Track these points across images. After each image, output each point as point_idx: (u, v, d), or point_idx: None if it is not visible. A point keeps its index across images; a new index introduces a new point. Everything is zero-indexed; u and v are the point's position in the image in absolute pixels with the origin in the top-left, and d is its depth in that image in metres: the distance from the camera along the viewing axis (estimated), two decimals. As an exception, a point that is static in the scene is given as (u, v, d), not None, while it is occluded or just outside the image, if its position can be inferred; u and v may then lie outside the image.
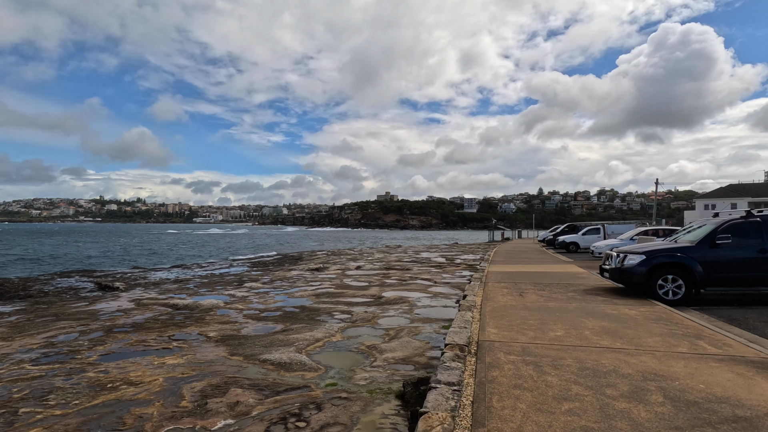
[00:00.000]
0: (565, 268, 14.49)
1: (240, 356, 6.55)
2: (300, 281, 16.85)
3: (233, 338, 7.79)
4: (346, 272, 19.93)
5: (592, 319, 5.79)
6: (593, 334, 5.01)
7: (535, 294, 8.32)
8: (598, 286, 9.48)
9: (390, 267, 21.69)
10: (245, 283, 16.99)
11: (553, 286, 9.73)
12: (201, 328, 8.72)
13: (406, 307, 10.62)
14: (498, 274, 12.69)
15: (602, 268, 8.89)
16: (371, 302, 11.57)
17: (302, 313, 10.26)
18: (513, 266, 15.69)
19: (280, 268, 23.44)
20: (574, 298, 7.76)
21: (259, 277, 18.82)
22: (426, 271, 19.23)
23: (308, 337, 7.60)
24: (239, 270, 24.39)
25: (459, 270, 19.71)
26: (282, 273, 20.41)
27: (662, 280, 7.45)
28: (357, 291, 13.64)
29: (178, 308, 11.62)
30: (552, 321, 5.72)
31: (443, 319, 9.13)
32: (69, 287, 18.21)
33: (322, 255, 32.51)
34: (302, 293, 13.45)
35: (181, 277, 21.10)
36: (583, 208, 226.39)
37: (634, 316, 6.01)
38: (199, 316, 10.23)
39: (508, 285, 10.14)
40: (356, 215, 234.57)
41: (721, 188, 65.45)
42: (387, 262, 24.69)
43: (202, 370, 5.87)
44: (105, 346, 7.38)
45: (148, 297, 13.84)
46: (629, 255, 7.88)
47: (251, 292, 14.17)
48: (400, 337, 7.57)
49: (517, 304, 7.15)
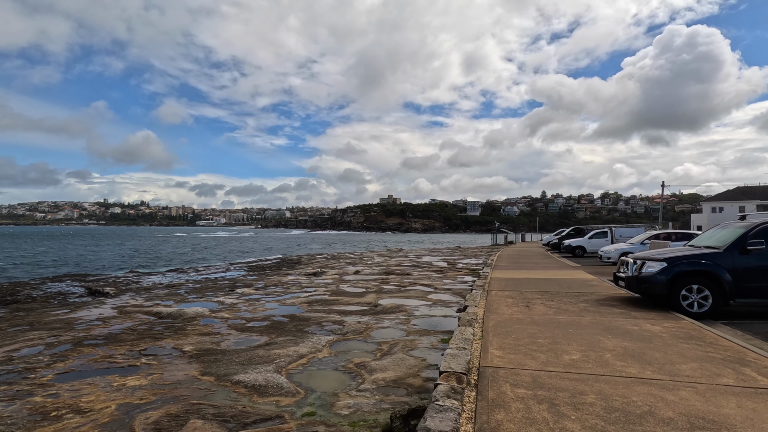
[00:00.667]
0: (573, 274, 13.69)
1: (212, 376, 5.81)
2: (294, 287, 16.12)
3: (210, 353, 7.06)
4: (343, 277, 19.19)
5: (612, 338, 5.03)
6: (615, 357, 4.25)
7: (543, 305, 7.55)
8: (611, 296, 8.69)
9: (389, 272, 20.93)
10: (238, 288, 16.28)
11: (563, 295, 8.95)
12: (178, 340, 8.00)
13: (403, 317, 9.87)
14: (502, 281, 11.92)
15: (617, 276, 8.10)
16: (366, 311, 10.83)
17: (291, 323, 9.53)
18: (517, 272, 14.91)
19: (277, 273, 22.73)
20: (587, 310, 6.99)
21: (253, 283, 18.11)
22: (426, 277, 18.47)
23: (292, 353, 6.86)
24: (235, 274, 23.69)
25: (461, 275, 18.93)
26: (277, 278, 19.68)
27: (686, 290, 6.67)
28: (352, 298, 12.89)
29: (161, 317, 10.92)
30: (565, 340, 4.96)
31: (442, 330, 8.38)
32: (58, 292, 17.56)
33: (321, 259, 31.79)
34: (295, 300, 12.72)
35: (174, 282, 20.43)
36: (586, 211, 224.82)
37: (659, 333, 5.25)
38: (180, 326, 9.52)
39: (513, 294, 9.37)
40: (359, 218, 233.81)
41: (728, 191, 64.35)
42: (387, 266, 23.93)
43: (164, 395, 5.14)
44: (66, 362, 6.66)
45: (133, 304, 13.16)
46: (648, 262, 7.10)
47: (242, 298, 13.45)
48: (394, 353, 6.82)
49: (524, 318, 6.39)
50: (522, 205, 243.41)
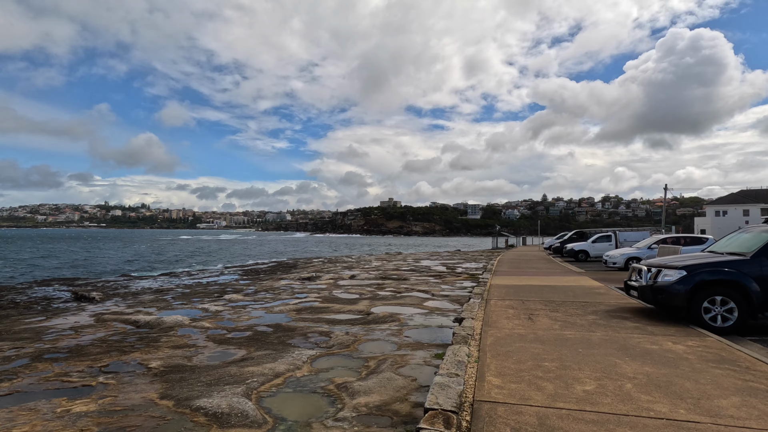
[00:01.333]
0: (577, 280, 12.97)
1: (171, 400, 5.10)
2: (285, 293, 15.42)
3: (177, 370, 6.36)
4: (337, 282, 18.48)
5: (630, 360, 4.31)
6: (638, 388, 3.54)
7: (547, 317, 6.83)
8: (621, 306, 7.98)
9: (386, 277, 20.21)
10: (227, 294, 15.58)
11: (568, 305, 8.23)
12: (147, 354, 7.30)
13: (396, 327, 9.16)
14: (502, 289, 11.20)
15: (628, 285, 7.38)
16: (357, 320, 10.12)
17: (274, 333, 8.82)
18: (519, 278, 14.19)
19: (270, 277, 22.02)
20: (597, 324, 6.27)
21: (244, 288, 17.40)
22: (424, 282, 17.75)
23: (267, 371, 6.15)
24: (228, 278, 23.01)
25: (460, 281, 18.20)
26: (270, 283, 18.98)
27: (708, 302, 5.96)
28: (344, 305, 12.18)
29: (139, 326, 10.23)
30: (575, 362, 4.25)
31: (437, 344, 7.67)
32: (43, 297, 16.91)
33: (318, 263, 31.08)
34: (283, 307, 12.01)
35: (164, 287, 19.75)
36: (587, 214, 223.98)
37: (684, 354, 4.53)
38: (155, 336, 8.82)
39: (514, 303, 8.66)
40: (359, 221, 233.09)
41: (732, 194, 63.58)
42: (384, 271, 23.22)
43: (110, 425, 4.43)
44: (14, 381, 5.95)
45: (114, 311, 12.47)
46: (665, 270, 6.38)
47: (228, 305, 12.74)
48: (381, 371, 6.10)
49: (527, 333, 5.67)
50: (523, 208, 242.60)
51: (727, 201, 61.63)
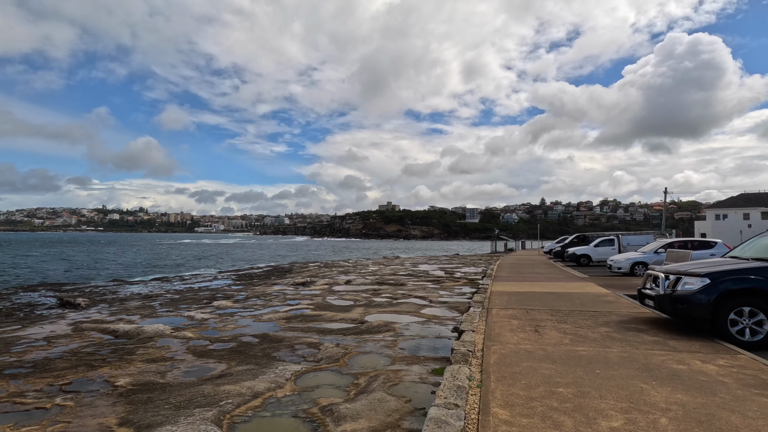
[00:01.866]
0: (582, 287, 12.36)
1: (131, 427, 4.48)
2: (277, 299, 14.79)
3: (147, 388, 5.73)
4: (332, 288, 17.86)
5: (658, 385, 3.71)
6: (676, 424, 2.93)
7: (555, 329, 6.22)
8: (635, 316, 7.37)
9: (382, 282, 19.59)
10: (216, 300, 14.94)
11: (577, 315, 7.62)
12: (117, 369, 6.67)
13: (390, 338, 8.54)
14: (504, 296, 10.59)
15: (642, 293, 6.78)
16: (349, 330, 9.50)
17: (259, 345, 8.20)
18: (521, 284, 13.58)
19: (264, 282, 21.38)
20: (612, 338, 5.66)
21: (235, 294, 16.75)
22: (421, 287, 17.14)
23: (245, 390, 5.52)
24: (221, 283, 22.38)
25: (458, 286, 17.59)
26: (262, 288, 18.34)
27: (735, 313, 5.36)
28: (337, 313, 11.56)
29: (117, 335, 9.61)
30: (595, 387, 3.65)
31: (434, 357, 7.05)
32: (27, 303, 16.27)
33: (314, 267, 30.44)
34: (272, 315, 11.38)
35: (154, 292, 19.13)
36: (585, 218, 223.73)
37: (719, 377, 3.93)
38: (131, 348, 8.20)
39: (518, 312, 8.05)
40: (357, 225, 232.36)
41: (732, 198, 63.15)
42: (381, 275, 22.60)
43: (52, 461, 3.81)
44: (-41, 403, 5.32)
45: (95, 319, 11.84)
46: (685, 278, 5.78)
47: (215, 313, 12.11)
48: (372, 390, 5.49)
49: (534, 349, 5.06)
50: (521, 212, 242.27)
51: (727, 205, 61.19)
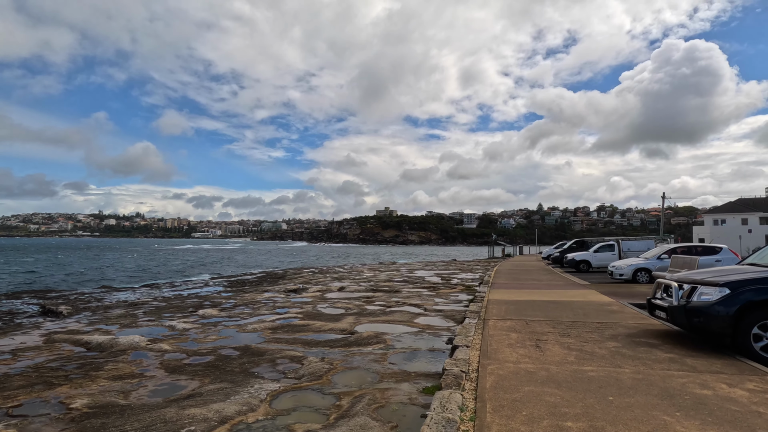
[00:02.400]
0: (584, 295, 11.81)
1: (73, 462, 3.89)
2: (266, 307, 14.19)
3: (104, 412, 5.14)
4: (324, 295, 17.27)
5: (683, 417, 3.15)
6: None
7: (558, 344, 5.66)
8: (643, 329, 6.82)
9: (377, 288, 19.01)
10: (203, 308, 14.33)
11: (580, 326, 7.06)
12: (77, 388, 6.07)
13: (380, 351, 7.97)
14: (502, 305, 10.02)
15: (653, 304, 6.22)
16: (337, 341, 8.92)
17: (239, 359, 7.62)
18: (519, 292, 13.02)
19: (255, 289, 20.77)
20: (622, 354, 5.10)
21: (223, 301, 16.13)
22: (417, 295, 16.56)
23: (213, 415, 4.94)
24: (211, 290, 21.79)
25: (455, 293, 17.03)
26: (252, 295, 17.72)
27: (759, 327, 4.82)
28: (326, 323, 10.97)
29: (89, 348, 9.02)
30: (609, 421, 3.09)
31: (426, 373, 6.48)
32: (8, 311, 15.63)
33: (307, 273, 29.82)
34: (258, 325, 10.79)
35: (140, 300, 18.53)
36: (582, 223, 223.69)
37: (751, 404, 3.37)
38: (100, 362, 7.61)
39: (517, 324, 7.48)
40: (355, 230, 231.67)
41: (730, 203, 62.96)
42: (375, 282, 22.00)
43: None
44: None
45: (71, 329, 11.23)
46: (701, 288, 5.23)
47: (198, 323, 11.51)
48: (355, 413, 4.91)
49: (537, 369, 4.50)
50: (519, 217, 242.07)
51: (725, 210, 60.98)
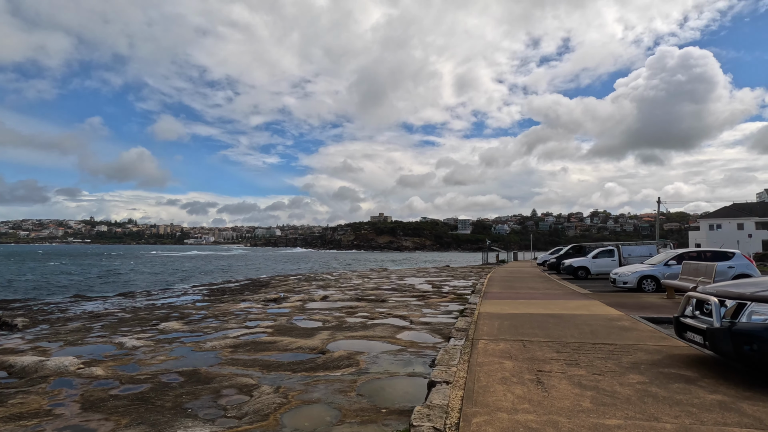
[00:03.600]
0: (587, 306, 10.55)
1: None
2: (237, 319, 12.86)
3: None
4: (305, 305, 15.95)
5: None
6: None
7: (566, 379, 4.39)
8: (668, 352, 5.56)
9: (362, 298, 17.71)
10: (168, 321, 12.99)
11: (590, 350, 5.81)
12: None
13: (350, 376, 6.70)
14: (494, 320, 8.75)
15: (682, 324, 4.93)
16: (303, 363, 7.62)
17: (178, 389, 6.31)
18: (514, 303, 11.78)
19: (233, 299, 19.40)
20: (654, 396, 3.84)
21: (193, 313, 14.76)
22: (404, 305, 15.27)
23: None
24: (188, 299, 20.41)
25: (445, 302, 15.76)
26: (227, 306, 16.36)
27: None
28: (297, 339, 9.67)
29: (12, 372, 7.77)
30: None
31: (399, 409, 5.21)
32: (-42, 324, 14.14)
33: (294, 280, 28.44)
34: (219, 342, 9.46)
35: (107, 311, 17.18)
36: (576, 229, 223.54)
37: None
38: (9, 393, 6.35)
39: (512, 347, 6.22)
40: (349, 237, 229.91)
41: (725, 207, 62.35)
42: (362, 290, 20.70)
43: None
44: None
45: (4, 347, 9.90)
46: (753, 305, 3.99)
47: (154, 339, 10.18)
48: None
49: (541, 426, 3.23)
50: (513, 223, 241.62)
51: (720, 215, 60.35)
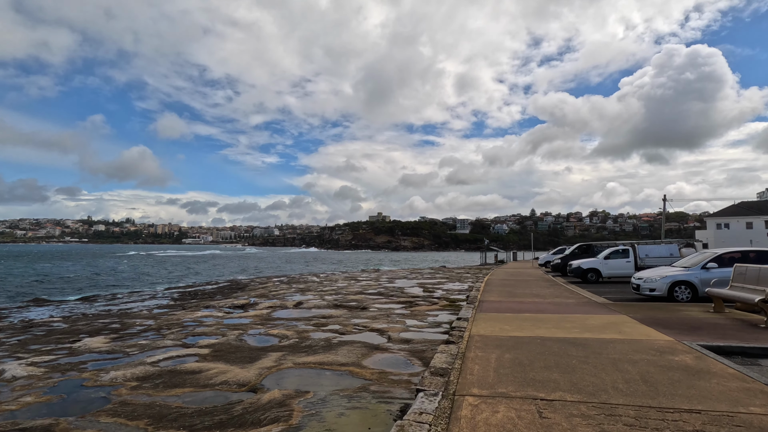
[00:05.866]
0: (617, 325, 8.10)
1: None
2: (180, 333, 10.57)
3: None
4: (272, 314, 13.61)
5: None
6: None
7: None
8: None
9: (341, 304, 15.35)
10: (95, 336, 10.71)
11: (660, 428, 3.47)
12: None
13: (268, 446, 4.36)
14: (491, 350, 6.36)
15: None
16: (214, 412, 5.28)
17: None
18: (518, 319, 9.40)
19: (199, 304, 17.06)
20: None
21: (137, 323, 12.42)
22: (385, 314, 12.92)
23: None
24: (149, 305, 18.11)
25: (434, 311, 13.41)
26: (182, 314, 14.02)
27: None
28: (232, 366, 7.33)
29: None
30: None
31: None
32: None
33: (274, 283, 26.06)
34: (127, 372, 7.13)
35: (50, 318, 14.89)
36: (575, 229, 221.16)
37: None
38: None
39: (521, 419, 3.85)
40: (347, 236, 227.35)
41: (733, 206, 59.97)
42: (344, 294, 18.34)
43: None
44: None
45: None
46: None
47: (54, 363, 7.86)
48: None
49: None
50: (512, 223, 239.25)
51: (728, 213, 58.02)
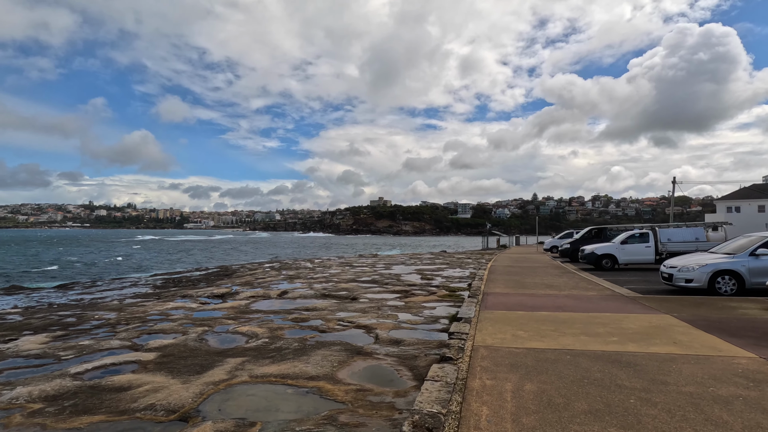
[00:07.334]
0: (665, 331, 6.51)
1: None
2: (136, 330, 9.11)
3: None
4: (251, 305, 12.15)
5: None
6: None
7: None
8: None
9: (330, 293, 13.84)
10: (40, 332, 9.28)
11: None
12: None
13: None
14: (503, 373, 4.83)
15: None
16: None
17: None
18: (533, 319, 7.85)
19: (176, 293, 15.65)
20: None
21: (95, 317, 10.98)
22: (377, 306, 11.41)
23: None
24: (125, 293, 16.80)
25: (432, 302, 11.89)
26: (151, 305, 12.58)
27: None
28: (173, 379, 5.83)
29: None
30: None
31: None
32: None
33: (264, 269, 24.60)
34: (35, 389, 5.67)
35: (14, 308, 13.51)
36: (577, 213, 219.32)
37: None
38: None
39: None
40: (348, 221, 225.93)
41: (744, 188, 58.04)
42: (335, 282, 16.82)
43: None
44: None
45: None
46: None
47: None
48: None
49: None
50: (513, 207, 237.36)
51: (738, 196, 56.16)
